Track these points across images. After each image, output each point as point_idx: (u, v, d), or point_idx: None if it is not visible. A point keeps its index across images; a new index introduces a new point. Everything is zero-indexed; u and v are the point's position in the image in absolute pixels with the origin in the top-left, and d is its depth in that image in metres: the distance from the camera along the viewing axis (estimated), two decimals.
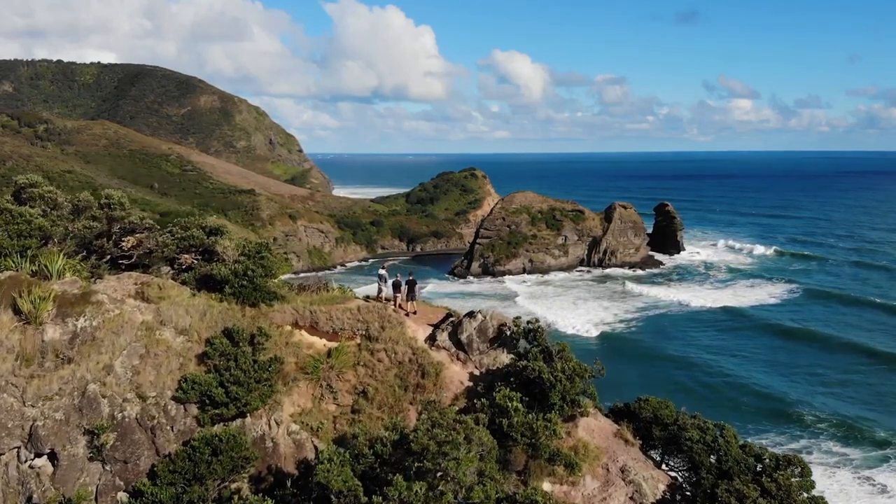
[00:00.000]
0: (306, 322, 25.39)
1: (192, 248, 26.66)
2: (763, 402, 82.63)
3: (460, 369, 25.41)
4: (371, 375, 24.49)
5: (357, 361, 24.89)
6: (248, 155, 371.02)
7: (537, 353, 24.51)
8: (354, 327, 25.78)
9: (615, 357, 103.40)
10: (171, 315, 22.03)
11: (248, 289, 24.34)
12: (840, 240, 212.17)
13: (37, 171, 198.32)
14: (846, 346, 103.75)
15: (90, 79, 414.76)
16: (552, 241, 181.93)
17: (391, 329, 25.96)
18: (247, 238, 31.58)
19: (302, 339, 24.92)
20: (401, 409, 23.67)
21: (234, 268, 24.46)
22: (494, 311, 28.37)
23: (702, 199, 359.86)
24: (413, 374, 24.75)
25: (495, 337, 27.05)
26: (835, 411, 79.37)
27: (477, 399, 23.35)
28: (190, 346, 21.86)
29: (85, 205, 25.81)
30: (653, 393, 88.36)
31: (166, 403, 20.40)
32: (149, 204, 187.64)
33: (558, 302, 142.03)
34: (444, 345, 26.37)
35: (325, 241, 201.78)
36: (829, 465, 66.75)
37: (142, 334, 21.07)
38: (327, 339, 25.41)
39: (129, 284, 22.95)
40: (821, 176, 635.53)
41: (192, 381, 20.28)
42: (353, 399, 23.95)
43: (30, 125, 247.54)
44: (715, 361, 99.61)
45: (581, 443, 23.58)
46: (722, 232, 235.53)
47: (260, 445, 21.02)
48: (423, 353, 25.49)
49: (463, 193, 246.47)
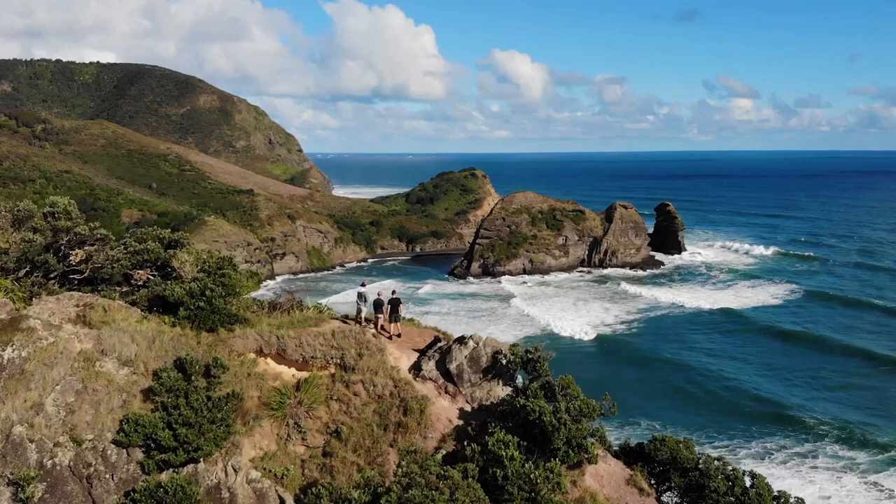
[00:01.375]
0: (272, 349, 22.33)
1: (148, 262, 23.83)
2: (766, 406, 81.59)
3: (449, 404, 22.49)
4: (346, 412, 21.54)
5: (330, 395, 21.91)
6: (247, 155, 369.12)
7: (537, 388, 21.59)
8: (328, 355, 22.72)
9: (613, 360, 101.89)
10: (115, 343, 19.16)
11: (205, 311, 21.46)
12: (841, 240, 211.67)
13: (34, 171, 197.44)
14: (848, 350, 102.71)
15: (89, 78, 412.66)
16: (552, 242, 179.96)
17: (370, 357, 22.94)
18: (209, 251, 27.95)
19: (267, 369, 21.92)
20: (379, 451, 20.63)
21: (190, 287, 21.62)
22: (488, 336, 25.08)
23: (703, 199, 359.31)
24: (394, 410, 21.75)
25: (489, 366, 23.91)
26: (838, 415, 78.54)
27: (468, 442, 20.42)
28: (135, 380, 18.92)
29: (26, 214, 22.55)
30: (652, 398, 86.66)
31: (105, 448, 17.47)
32: (147, 204, 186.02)
33: (558, 303, 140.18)
34: (430, 375, 23.34)
35: (324, 241, 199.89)
36: (836, 470, 65.85)
37: (79, 366, 18.22)
38: (297, 369, 22.40)
39: (70, 306, 20.17)
40: (821, 175, 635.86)
41: (135, 421, 17.50)
42: (324, 440, 20.90)
43: (28, 125, 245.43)
44: (716, 364, 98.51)
45: (589, 493, 20.52)
46: (723, 232, 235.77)
47: (214, 496, 18.07)
48: (406, 385, 22.53)
49: (463, 193, 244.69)
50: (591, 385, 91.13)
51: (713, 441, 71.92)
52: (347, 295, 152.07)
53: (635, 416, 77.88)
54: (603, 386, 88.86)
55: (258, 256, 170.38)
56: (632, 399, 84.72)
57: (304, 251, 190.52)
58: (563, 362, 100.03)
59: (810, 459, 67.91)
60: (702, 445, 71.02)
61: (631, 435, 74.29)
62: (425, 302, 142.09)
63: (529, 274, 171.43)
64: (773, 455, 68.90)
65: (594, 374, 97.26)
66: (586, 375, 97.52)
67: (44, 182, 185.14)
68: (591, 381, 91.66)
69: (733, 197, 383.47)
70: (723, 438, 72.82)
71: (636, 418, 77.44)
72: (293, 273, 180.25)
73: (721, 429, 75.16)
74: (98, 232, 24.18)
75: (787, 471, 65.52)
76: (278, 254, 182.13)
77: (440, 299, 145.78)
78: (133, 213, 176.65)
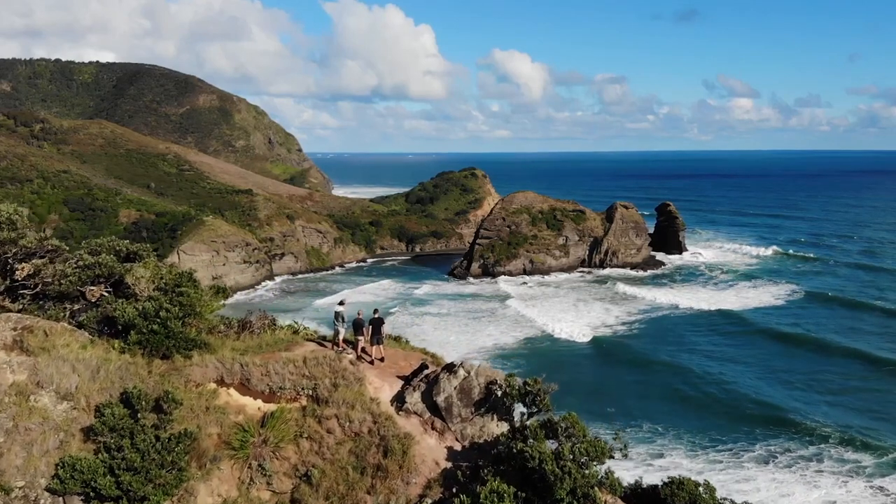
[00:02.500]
0: (235, 378, 19.63)
1: (101, 277, 21.08)
2: (768, 409, 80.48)
3: (436, 443, 19.88)
4: (317, 452, 18.92)
5: (300, 432, 19.31)
6: (246, 154, 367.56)
7: (537, 427, 18.88)
8: (298, 385, 20.02)
9: (614, 363, 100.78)
10: (53, 373, 16.67)
11: (159, 335, 19.01)
12: (842, 240, 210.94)
13: (32, 171, 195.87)
14: (850, 352, 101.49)
15: (88, 78, 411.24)
16: (553, 242, 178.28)
17: (346, 388, 20.27)
18: (171, 264, 25.21)
19: (229, 402, 19.27)
20: (355, 499, 18.14)
21: (143, 307, 19.18)
22: (481, 364, 22.43)
23: (703, 199, 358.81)
24: (373, 451, 19.06)
25: (482, 399, 21.13)
26: (842, 418, 77.60)
27: (457, 490, 17.94)
28: (75, 417, 16.44)
29: None
30: (651, 402, 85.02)
31: (38, 497, 15.37)
32: (145, 204, 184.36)
33: (558, 304, 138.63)
34: (415, 409, 20.72)
35: (324, 241, 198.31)
36: (842, 474, 64.73)
37: (11, 401, 15.92)
38: (263, 401, 19.78)
39: (6, 330, 17.67)
40: (822, 175, 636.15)
41: (72, 465, 15.32)
42: (292, 484, 18.38)
43: (26, 124, 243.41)
44: (718, 367, 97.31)
45: None
46: (723, 232, 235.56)
47: None
48: (386, 421, 19.88)
49: (463, 193, 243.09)
50: (592, 388, 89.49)
51: (716, 445, 70.72)
52: (346, 296, 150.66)
53: (637, 420, 76.67)
54: (604, 389, 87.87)
55: (257, 257, 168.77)
56: (633, 402, 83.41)
57: (304, 251, 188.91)
58: (564, 365, 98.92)
59: (815, 463, 66.82)
60: (705, 449, 69.71)
61: (633, 438, 73.19)
62: (424, 303, 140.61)
63: (530, 274, 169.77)
64: (777, 458, 67.76)
65: (594, 376, 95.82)
66: (586, 378, 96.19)
67: (41, 182, 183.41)
68: (592, 384, 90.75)
69: (734, 197, 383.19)
70: (726, 441, 71.60)
71: (638, 421, 76.22)
72: (292, 273, 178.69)
73: (724, 432, 73.95)
74: (49, 243, 21.69)
75: (791, 475, 64.40)
76: (277, 254, 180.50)
77: (439, 300, 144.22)
78: (131, 213, 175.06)
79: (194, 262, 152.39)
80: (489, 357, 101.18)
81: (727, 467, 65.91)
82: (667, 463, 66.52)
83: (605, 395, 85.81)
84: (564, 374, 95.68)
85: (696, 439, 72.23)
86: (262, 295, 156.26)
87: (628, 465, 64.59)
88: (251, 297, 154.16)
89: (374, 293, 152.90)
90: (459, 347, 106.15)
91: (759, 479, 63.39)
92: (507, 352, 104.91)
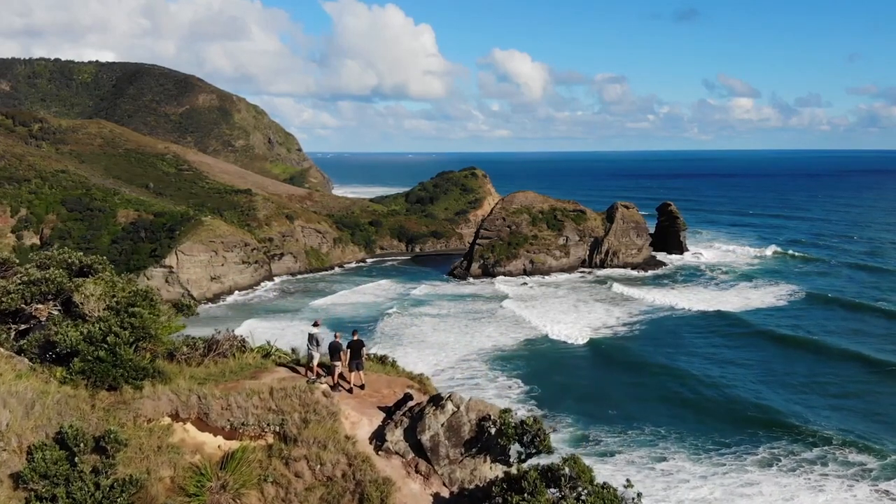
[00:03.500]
0: (192, 412, 17.24)
1: (50, 295, 18.76)
2: (771, 411, 79.55)
3: (420, 489, 17.61)
4: (283, 499, 16.65)
5: (264, 476, 17.04)
6: (246, 154, 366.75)
7: (536, 476, 16.65)
8: (264, 420, 17.70)
9: (614, 365, 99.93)
10: None
11: (105, 363, 16.63)
12: (843, 241, 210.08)
13: (30, 171, 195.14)
14: (852, 355, 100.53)
15: (88, 77, 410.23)
16: (553, 242, 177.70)
17: (318, 424, 17.93)
18: (126, 277, 22.80)
19: (185, 439, 17.02)
20: None
21: (88, 330, 16.76)
22: (472, 398, 19.84)
23: (704, 199, 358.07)
24: (347, 497, 16.80)
25: (473, 438, 18.68)
26: (845, 420, 76.79)
27: None
28: (5, 460, 14.31)
29: None
30: (653, 405, 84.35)
31: None
32: (143, 204, 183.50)
33: (558, 304, 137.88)
34: (396, 448, 18.41)
35: (323, 241, 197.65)
36: (847, 478, 63.79)
37: None
38: (224, 437, 17.49)
39: None
40: (822, 175, 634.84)
41: None
42: None
43: (24, 124, 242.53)
44: (719, 369, 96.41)
45: None
46: (724, 232, 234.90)
47: None
48: (363, 463, 17.59)
49: (463, 193, 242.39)
50: (592, 390, 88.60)
51: (719, 448, 69.89)
52: (344, 296, 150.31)
53: (639, 423, 75.99)
54: (604, 391, 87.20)
55: (256, 257, 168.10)
56: (634, 405, 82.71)
57: (303, 251, 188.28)
58: (564, 366, 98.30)
59: (819, 466, 65.87)
60: (708, 452, 68.97)
61: (634, 441, 72.59)
62: (423, 303, 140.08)
63: (530, 274, 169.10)
64: (780, 461, 66.88)
65: (595, 378, 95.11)
66: (586, 380, 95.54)
67: (39, 182, 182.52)
68: (592, 386, 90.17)
69: (734, 196, 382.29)
70: (729, 444, 70.80)
71: (639, 424, 75.57)
72: (291, 274, 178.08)
73: (727, 434, 73.16)
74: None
75: (796, 478, 63.50)
76: (276, 254, 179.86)
77: (438, 300, 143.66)
78: (129, 213, 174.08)
79: (193, 263, 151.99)
80: (488, 358, 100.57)
81: (731, 471, 65.21)
82: (669, 467, 65.89)
83: (605, 398, 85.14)
84: (564, 375, 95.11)
85: (698, 442, 71.58)
86: (261, 295, 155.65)
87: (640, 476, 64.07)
88: (250, 297, 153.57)
89: (373, 293, 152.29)
90: (458, 349, 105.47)
91: (764, 483, 62.65)
92: (506, 353, 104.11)
